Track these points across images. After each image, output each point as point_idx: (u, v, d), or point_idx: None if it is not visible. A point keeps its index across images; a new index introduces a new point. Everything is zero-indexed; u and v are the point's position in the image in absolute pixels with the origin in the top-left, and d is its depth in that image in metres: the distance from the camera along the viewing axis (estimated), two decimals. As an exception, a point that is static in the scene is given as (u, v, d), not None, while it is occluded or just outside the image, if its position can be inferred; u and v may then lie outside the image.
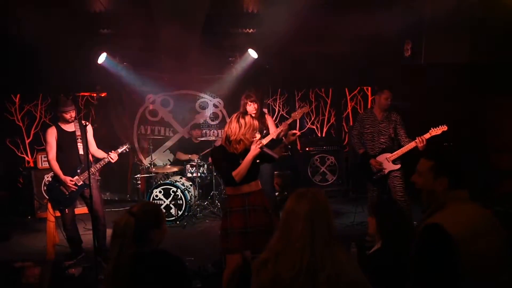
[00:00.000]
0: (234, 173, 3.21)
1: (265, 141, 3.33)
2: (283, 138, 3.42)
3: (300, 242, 1.73)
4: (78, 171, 4.43)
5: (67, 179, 4.37)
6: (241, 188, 3.27)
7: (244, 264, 3.30)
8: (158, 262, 2.08)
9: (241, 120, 3.24)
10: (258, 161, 3.28)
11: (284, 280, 1.70)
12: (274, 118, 7.83)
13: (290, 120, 5.37)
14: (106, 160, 4.51)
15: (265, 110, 5.66)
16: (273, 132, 5.11)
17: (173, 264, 2.10)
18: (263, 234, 3.16)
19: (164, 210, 6.07)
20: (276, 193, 5.73)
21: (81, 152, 4.48)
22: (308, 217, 1.76)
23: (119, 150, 4.63)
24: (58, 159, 4.43)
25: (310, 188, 1.88)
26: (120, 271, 1.99)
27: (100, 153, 4.61)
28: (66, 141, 4.46)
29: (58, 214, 4.59)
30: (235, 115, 3.31)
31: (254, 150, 3.19)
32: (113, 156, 4.50)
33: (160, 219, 2.18)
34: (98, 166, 4.51)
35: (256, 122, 3.31)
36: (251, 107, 4.97)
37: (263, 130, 5.17)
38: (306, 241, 1.73)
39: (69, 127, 4.52)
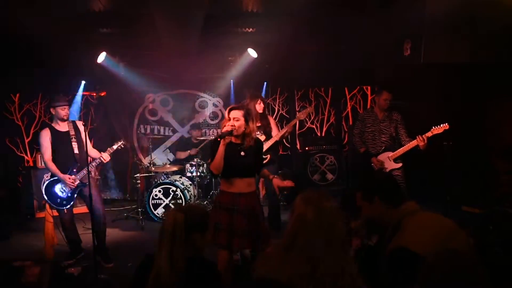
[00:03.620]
0: (211, 165, 3.23)
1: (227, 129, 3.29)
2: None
3: (309, 249, 1.72)
4: (74, 170, 4.43)
5: (66, 177, 4.36)
6: (234, 185, 3.25)
7: (243, 262, 3.29)
8: (208, 271, 2.06)
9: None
10: (242, 153, 3.24)
11: (292, 279, 1.68)
12: (274, 117, 7.84)
13: (294, 121, 5.40)
14: (98, 161, 4.51)
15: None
16: (277, 134, 5.14)
17: (217, 277, 2.09)
18: (247, 237, 3.18)
19: (164, 210, 6.09)
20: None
21: (76, 151, 4.47)
22: (316, 226, 1.75)
23: (114, 147, 4.63)
24: (53, 159, 4.43)
25: (316, 192, 1.88)
26: (174, 271, 1.94)
27: (94, 153, 4.60)
28: (60, 141, 4.45)
29: (56, 214, 4.59)
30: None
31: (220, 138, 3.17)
32: (105, 157, 4.50)
33: (206, 223, 2.13)
34: (93, 164, 4.52)
35: (228, 115, 3.26)
36: (260, 106, 5.16)
37: (267, 129, 5.19)
38: (315, 247, 1.72)
39: (63, 127, 4.51)
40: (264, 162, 4.04)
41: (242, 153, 3.24)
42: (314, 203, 1.82)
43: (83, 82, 6.86)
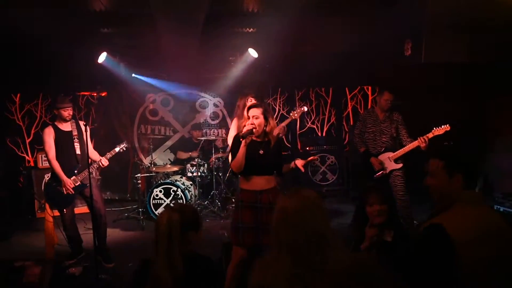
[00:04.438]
0: (231, 163, 3.22)
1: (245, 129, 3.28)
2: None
3: (290, 241, 1.70)
4: (76, 171, 4.43)
5: (68, 181, 4.37)
6: (254, 183, 3.22)
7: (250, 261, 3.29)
8: (206, 266, 2.07)
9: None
10: (261, 152, 3.22)
11: (278, 280, 1.67)
12: (274, 117, 7.84)
13: (288, 121, 5.37)
14: (96, 165, 4.52)
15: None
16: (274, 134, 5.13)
17: (216, 271, 2.11)
18: None
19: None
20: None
21: (78, 152, 4.48)
22: (297, 215, 1.73)
23: (116, 149, 4.62)
24: (56, 159, 4.44)
25: (302, 188, 1.85)
26: (173, 271, 1.95)
27: (95, 155, 4.61)
28: (63, 141, 4.46)
29: (57, 214, 4.59)
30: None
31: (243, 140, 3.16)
32: (104, 162, 4.51)
33: (200, 222, 2.14)
34: (95, 165, 4.53)
35: (248, 113, 3.24)
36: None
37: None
38: (296, 240, 1.69)
39: (66, 127, 4.52)
40: None
41: (261, 152, 3.22)
42: (296, 195, 1.80)
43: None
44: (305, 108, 5.48)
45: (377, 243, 2.42)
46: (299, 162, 3.43)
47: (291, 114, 5.03)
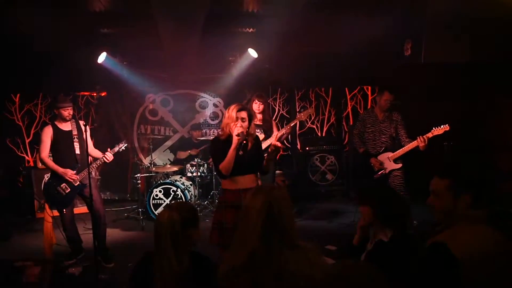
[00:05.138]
0: (220, 166, 3.20)
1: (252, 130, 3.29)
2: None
3: (252, 235, 1.71)
4: (75, 171, 4.42)
5: (68, 171, 4.36)
6: (237, 182, 3.23)
7: None
8: (207, 264, 2.09)
9: (226, 111, 3.28)
10: (241, 152, 3.22)
11: (235, 272, 1.69)
12: (274, 117, 7.85)
13: (294, 122, 5.40)
14: (102, 160, 4.50)
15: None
16: (275, 134, 5.16)
17: (209, 266, 2.11)
18: None
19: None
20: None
21: (77, 151, 4.47)
22: (262, 210, 1.74)
23: (116, 149, 4.60)
24: (54, 159, 4.43)
25: (270, 184, 1.90)
26: (178, 270, 1.97)
27: (96, 153, 4.60)
28: (62, 141, 4.45)
29: (56, 214, 4.59)
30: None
31: (234, 139, 3.15)
32: (109, 156, 4.48)
33: (198, 218, 2.17)
34: (94, 165, 4.50)
35: (237, 114, 3.21)
36: (256, 106, 5.27)
37: (268, 133, 5.22)
38: (257, 234, 1.71)
39: (66, 126, 4.51)
40: None
41: (241, 152, 3.23)
42: (264, 191, 1.80)
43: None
44: (312, 110, 5.52)
45: (375, 241, 2.40)
46: (273, 141, 3.41)
47: (297, 116, 5.07)
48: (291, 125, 5.32)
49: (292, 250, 1.73)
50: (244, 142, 3.27)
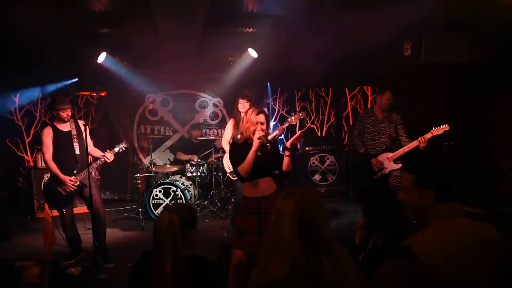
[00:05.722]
0: (239, 168, 3.23)
1: (268, 136, 3.35)
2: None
3: (288, 243, 1.66)
4: (75, 171, 4.42)
5: (67, 178, 4.36)
6: (255, 187, 3.25)
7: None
8: (207, 266, 2.07)
9: (245, 115, 3.34)
10: (259, 153, 3.24)
11: (276, 284, 1.63)
12: (274, 117, 7.85)
13: (285, 125, 5.38)
14: (102, 160, 4.50)
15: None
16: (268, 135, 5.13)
17: (217, 271, 2.14)
18: None
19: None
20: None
21: (77, 152, 4.47)
22: (295, 216, 1.69)
23: (116, 149, 4.60)
24: (54, 160, 4.42)
25: (301, 187, 1.81)
26: (177, 273, 1.95)
27: (96, 152, 4.60)
28: (62, 141, 4.44)
29: (56, 214, 4.59)
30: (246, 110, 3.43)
31: (254, 142, 3.19)
32: (109, 156, 4.49)
33: (196, 219, 2.16)
34: (94, 165, 4.51)
35: (256, 118, 3.26)
36: (241, 105, 5.06)
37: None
38: (294, 241, 1.65)
39: (65, 127, 4.50)
40: None
41: (259, 153, 3.25)
42: (295, 194, 1.75)
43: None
44: (303, 114, 5.50)
45: (372, 245, 2.41)
46: (288, 144, 3.41)
47: (289, 119, 5.05)
48: (283, 128, 5.30)
49: (327, 255, 1.69)
50: (268, 145, 3.31)
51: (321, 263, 1.65)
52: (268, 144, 3.33)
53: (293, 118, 5.14)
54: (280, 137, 5.79)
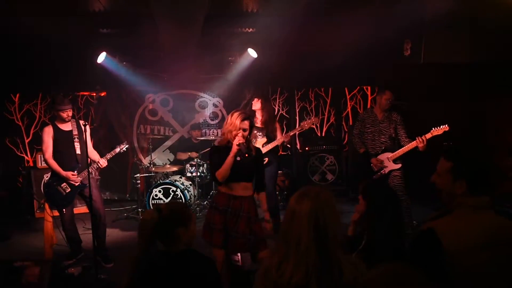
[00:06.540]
0: (217, 173, 3.22)
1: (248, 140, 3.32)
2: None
3: (304, 244, 1.64)
4: (75, 171, 4.42)
5: (69, 173, 4.36)
6: (230, 187, 3.26)
7: (232, 268, 3.28)
8: (188, 262, 2.08)
9: (230, 116, 3.29)
10: (238, 159, 3.23)
11: (290, 285, 1.62)
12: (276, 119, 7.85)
13: (296, 130, 5.40)
14: (95, 165, 4.53)
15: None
16: (278, 139, 5.14)
17: (203, 265, 2.11)
18: (241, 240, 3.19)
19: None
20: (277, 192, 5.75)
21: (78, 151, 4.47)
22: (311, 217, 1.66)
23: (117, 150, 4.62)
24: (55, 159, 4.42)
25: (314, 187, 1.79)
26: (147, 269, 2.00)
27: (94, 156, 4.61)
28: (63, 141, 4.45)
29: (56, 214, 4.59)
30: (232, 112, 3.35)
31: (233, 147, 3.17)
32: (102, 162, 4.52)
33: (186, 218, 2.15)
34: (94, 165, 4.53)
35: (240, 124, 3.21)
36: (255, 102, 5.27)
37: (270, 135, 5.20)
38: (310, 243, 1.64)
39: (66, 126, 4.51)
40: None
41: (238, 158, 3.24)
42: (310, 195, 1.73)
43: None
44: (317, 120, 5.50)
45: (366, 242, 2.41)
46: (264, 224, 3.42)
47: (301, 124, 5.08)
48: (291, 134, 5.32)
49: (342, 260, 1.68)
50: (246, 155, 3.28)
51: (340, 268, 1.64)
52: (247, 153, 3.28)
53: (305, 123, 5.17)
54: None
